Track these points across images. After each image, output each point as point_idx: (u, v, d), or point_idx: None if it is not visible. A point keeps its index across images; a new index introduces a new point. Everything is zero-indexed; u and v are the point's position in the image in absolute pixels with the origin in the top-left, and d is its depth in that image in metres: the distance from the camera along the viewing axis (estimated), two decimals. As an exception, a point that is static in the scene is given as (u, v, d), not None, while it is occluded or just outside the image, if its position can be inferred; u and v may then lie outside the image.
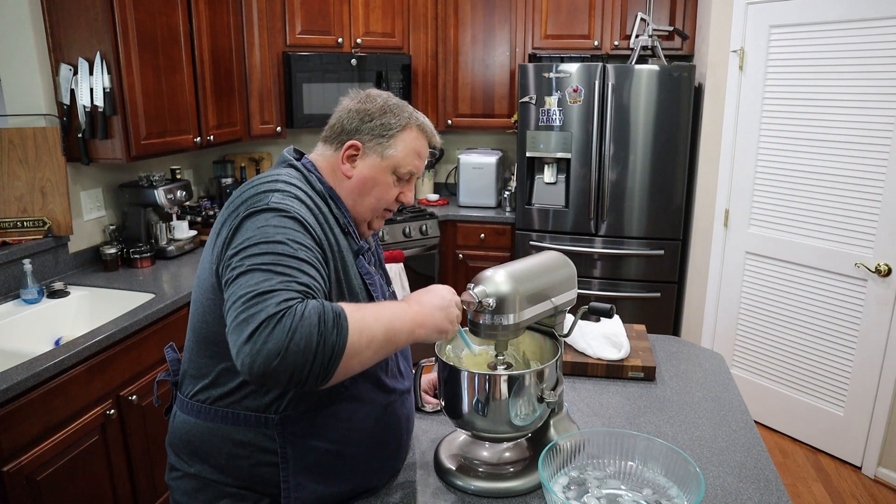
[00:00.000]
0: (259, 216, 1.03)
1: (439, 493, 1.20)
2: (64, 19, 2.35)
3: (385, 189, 1.20)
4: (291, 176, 1.14)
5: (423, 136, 1.23)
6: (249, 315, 0.90)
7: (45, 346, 2.07)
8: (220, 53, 2.96)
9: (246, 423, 1.11)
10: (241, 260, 0.98)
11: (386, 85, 3.57)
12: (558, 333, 1.32)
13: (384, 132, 1.19)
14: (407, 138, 1.20)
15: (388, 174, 1.20)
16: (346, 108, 1.22)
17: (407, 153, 1.20)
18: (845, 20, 2.59)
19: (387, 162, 1.19)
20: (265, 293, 0.92)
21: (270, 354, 0.87)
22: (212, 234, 1.12)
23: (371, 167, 1.19)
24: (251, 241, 1.00)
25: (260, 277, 0.94)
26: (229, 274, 0.99)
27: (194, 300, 1.16)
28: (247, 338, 0.89)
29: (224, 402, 1.12)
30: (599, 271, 3.54)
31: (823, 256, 2.78)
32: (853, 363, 2.73)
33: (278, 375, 0.89)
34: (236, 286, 0.96)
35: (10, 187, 2.38)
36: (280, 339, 0.88)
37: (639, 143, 3.31)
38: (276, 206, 1.04)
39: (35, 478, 1.69)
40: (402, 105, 1.23)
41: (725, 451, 1.33)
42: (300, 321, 0.89)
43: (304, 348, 0.89)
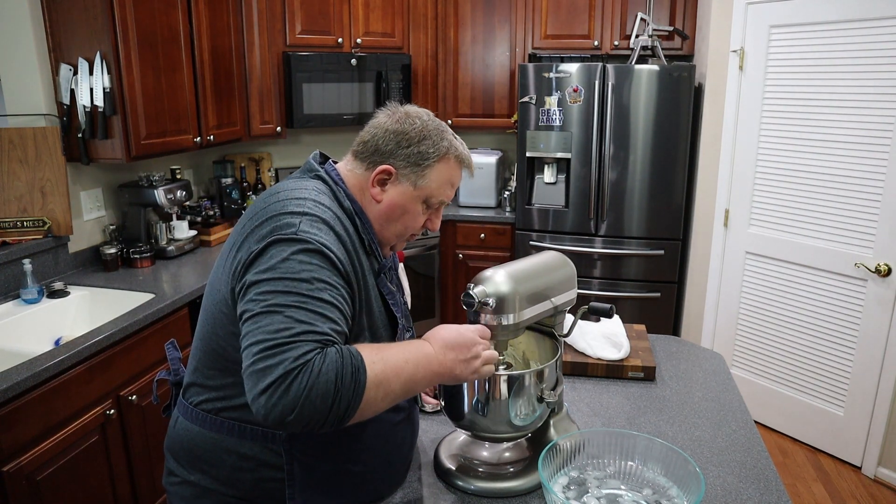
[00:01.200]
0: (285, 246, 0.99)
1: (439, 493, 1.20)
2: (64, 19, 2.35)
3: (413, 217, 1.17)
4: (320, 192, 1.10)
5: (458, 166, 1.19)
6: (267, 367, 0.89)
7: (45, 346, 2.07)
8: (220, 53, 2.96)
9: (252, 437, 1.09)
10: (261, 294, 0.95)
11: (386, 85, 3.57)
12: (558, 333, 1.32)
13: (420, 160, 1.14)
14: (442, 168, 1.15)
15: (418, 203, 1.16)
16: (382, 126, 1.16)
17: (441, 184, 1.16)
18: (845, 20, 2.59)
19: (419, 192, 1.15)
20: (284, 345, 0.90)
21: (286, 409, 0.88)
22: (230, 244, 1.08)
23: (402, 195, 1.14)
24: (275, 274, 0.96)
25: (280, 324, 0.92)
26: (247, 306, 0.96)
27: (205, 308, 1.14)
28: (262, 390, 0.89)
29: (230, 415, 1.11)
30: (599, 271, 3.54)
31: (823, 256, 2.78)
32: (853, 363, 2.73)
33: (292, 426, 0.90)
34: (254, 327, 0.93)
35: (10, 187, 2.38)
36: (296, 396, 0.88)
37: (639, 143, 3.31)
38: (304, 238, 0.99)
39: (35, 478, 1.69)
40: (441, 130, 1.17)
41: (725, 451, 1.33)
42: (317, 378, 0.89)
43: (320, 405, 0.89)
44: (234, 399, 1.10)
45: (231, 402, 1.10)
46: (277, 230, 1.00)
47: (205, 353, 1.14)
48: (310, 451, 1.10)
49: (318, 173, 1.15)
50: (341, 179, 1.16)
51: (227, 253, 1.08)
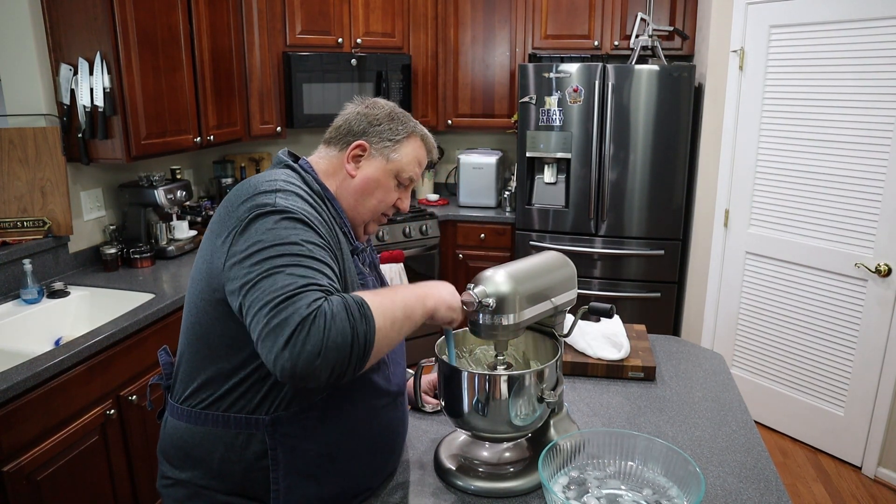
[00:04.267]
0: (266, 218, 1.03)
1: (439, 493, 1.20)
2: (64, 19, 2.35)
3: (386, 192, 1.24)
4: (290, 176, 1.16)
5: (424, 146, 1.28)
6: (282, 320, 0.92)
7: (45, 346, 2.07)
8: (220, 53, 2.96)
9: (237, 425, 1.11)
10: (257, 264, 0.98)
11: (386, 85, 3.57)
12: (558, 333, 1.32)
13: (392, 136, 1.23)
14: (411, 146, 1.25)
15: (390, 178, 1.23)
16: (353, 112, 1.25)
17: (410, 160, 1.25)
18: (845, 20, 2.59)
19: (391, 165, 1.23)
20: (293, 296, 0.93)
21: (311, 355, 0.90)
22: (208, 236, 1.11)
23: (376, 169, 1.22)
24: (264, 243, 1.00)
25: (284, 280, 0.95)
26: (245, 279, 0.98)
27: (188, 302, 1.16)
28: (284, 343, 0.90)
29: (215, 406, 1.12)
30: (599, 271, 3.54)
31: (823, 256, 2.78)
32: (853, 363, 2.73)
33: (320, 373, 0.92)
34: (259, 292, 0.96)
35: (10, 187, 2.38)
36: (318, 339, 0.91)
37: (639, 143, 3.31)
38: (282, 208, 1.04)
39: (35, 478, 1.69)
40: (407, 115, 1.28)
41: (725, 451, 1.33)
42: (332, 319, 0.93)
43: (342, 343, 0.93)
44: (219, 388, 1.12)
45: (216, 391, 1.12)
46: (255, 208, 1.04)
47: (189, 346, 1.16)
48: (293, 432, 1.11)
49: (286, 163, 1.21)
50: (310, 167, 1.22)
51: (207, 243, 1.11)
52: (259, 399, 1.10)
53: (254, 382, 1.10)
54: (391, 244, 3.51)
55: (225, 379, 1.11)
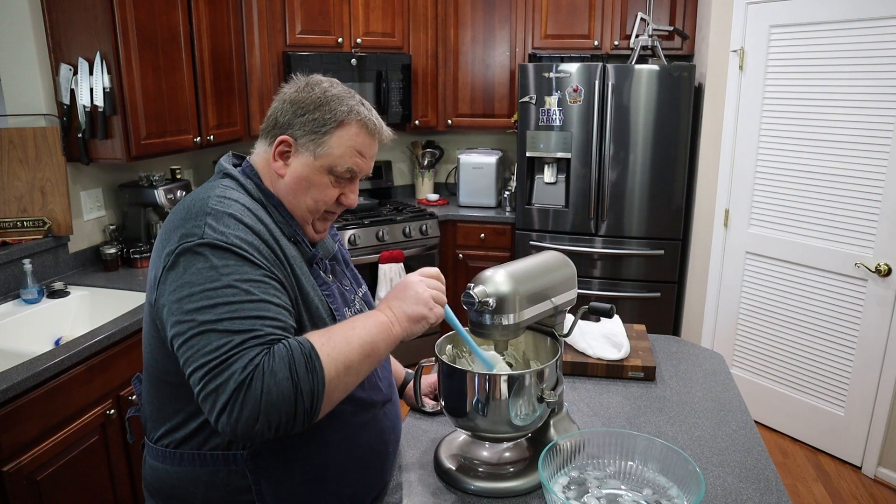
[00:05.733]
0: (195, 257, 0.94)
1: (439, 492, 1.20)
2: (64, 19, 2.35)
3: (321, 190, 1.10)
4: (226, 188, 1.05)
5: (364, 132, 1.10)
6: (217, 386, 0.87)
7: (45, 346, 2.07)
8: (220, 53, 2.96)
9: (214, 463, 1.05)
10: (188, 314, 0.91)
11: (386, 85, 3.57)
12: (558, 333, 1.32)
13: (318, 128, 1.07)
14: (344, 135, 1.08)
15: (323, 174, 1.09)
16: (282, 98, 1.11)
17: (344, 152, 1.09)
18: (845, 20, 2.59)
19: (320, 161, 1.08)
20: (227, 359, 0.87)
21: (250, 420, 0.86)
22: (151, 263, 1.04)
23: (304, 166, 1.08)
24: (194, 288, 0.92)
25: (217, 340, 0.89)
26: (177, 329, 0.92)
27: (144, 335, 1.09)
28: (220, 409, 0.87)
29: (189, 445, 1.06)
30: (599, 271, 3.54)
31: (823, 256, 2.78)
32: (853, 363, 2.73)
33: (263, 434, 0.88)
34: (192, 351, 0.90)
35: (10, 187, 2.38)
36: (255, 404, 0.86)
37: (639, 143, 3.31)
38: (211, 241, 0.94)
39: (35, 478, 1.69)
40: (343, 96, 1.10)
41: (725, 451, 1.33)
42: (271, 378, 0.87)
43: (284, 404, 0.87)
44: (188, 426, 1.06)
45: (186, 429, 1.06)
46: (183, 238, 0.96)
47: (151, 384, 1.10)
48: (274, 464, 1.05)
49: (226, 172, 1.11)
50: (253, 170, 1.12)
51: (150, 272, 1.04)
52: None
53: None
54: (391, 244, 3.51)
55: (193, 417, 1.05)
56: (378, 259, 3.41)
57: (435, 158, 4.16)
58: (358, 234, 3.41)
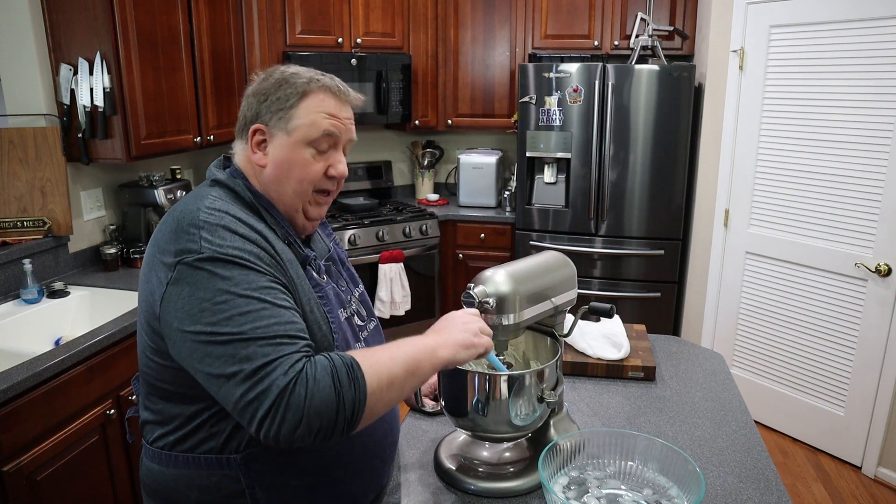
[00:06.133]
0: (197, 272, 0.93)
1: (439, 492, 1.20)
2: (64, 19, 2.35)
3: (304, 167, 1.07)
4: (215, 198, 1.03)
5: (329, 95, 1.08)
6: (259, 392, 0.87)
7: (45, 346, 2.07)
8: (220, 53, 2.96)
9: (208, 466, 1.04)
10: (206, 328, 0.90)
11: (386, 85, 3.57)
12: (558, 333, 1.32)
13: (282, 105, 1.06)
14: (311, 104, 1.06)
15: (302, 149, 1.06)
16: (245, 95, 1.11)
17: (315, 118, 1.06)
18: (845, 20, 2.59)
19: (294, 137, 1.05)
20: (265, 366, 0.88)
21: (292, 425, 0.86)
22: (143, 276, 1.02)
23: (281, 148, 1.06)
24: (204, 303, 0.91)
25: (245, 349, 0.88)
26: (192, 345, 0.91)
27: (138, 342, 1.08)
28: (264, 415, 0.86)
29: (182, 447, 1.05)
30: (599, 271, 3.54)
31: (823, 256, 2.78)
32: (853, 363, 2.73)
33: (303, 439, 0.88)
34: (216, 361, 0.89)
35: (10, 187, 2.38)
36: (298, 409, 0.86)
37: (639, 143, 3.31)
38: (212, 255, 0.93)
39: (35, 478, 1.69)
40: (301, 72, 1.09)
41: (725, 451, 1.33)
42: (315, 385, 0.87)
43: (326, 412, 0.88)
44: (182, 429, 1.05)
45: (180, 432, 1.05)
46: (181, 254, 0.95)
47: (145, 386, 1.10)
48: (268, 468, 1.04)
49: (214, 178, 1.09)
50: (240, 173, 1.10)
51: (143, 284, 1.02)
52: (226, 437, 1.03)
53: (217, 422, 1.03)
54: (391, 244, 3.51)
55: (187, 421, 1.04)
56: (378, 259, 3.41)
57: (435, 158, 4.16)
58: (358, 234, 3.41)
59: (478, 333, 1.07)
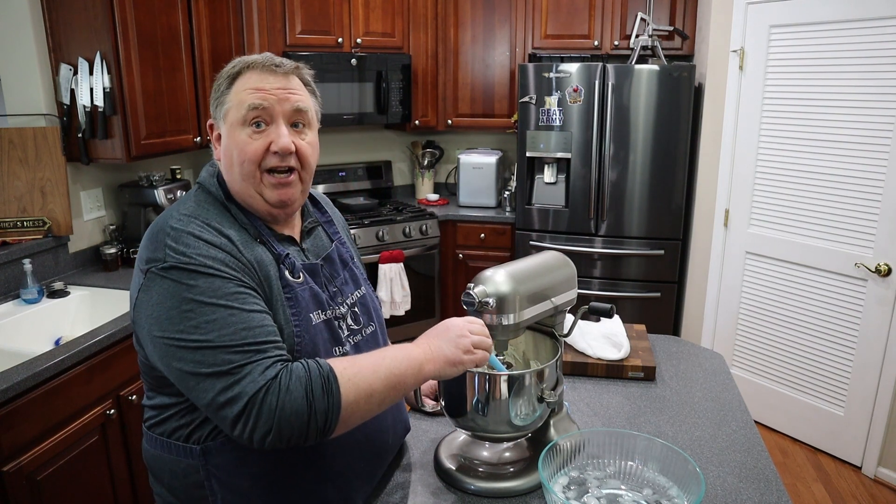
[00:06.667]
0: (163, 280, 0.95)
1: (439, 492, 1.20)
2: (64, 19, 2.35)
3: (242, 146, 1.04)
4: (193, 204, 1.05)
5: (255, 72, 1.06)
6: (230, 399, 0.89)
7: (45, 346, 2.07)
8: (220, 53, 2.96)
9: (176, 452, 1.06)
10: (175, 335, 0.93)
11: (386, 85, 3.57)
12: (558, 333, 1.32)
13: (217, 95, 1.08)
14: (238, 86, 1.06)
15: (237, 130, 1.05)
16: None
17: (241, 97, 1.05)
18: (845, 20, 2.59)
19: (229, 120, 1.06)
20: (233, 372, 0.89)
21: (262, 431, 0.88)
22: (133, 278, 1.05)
23: (225, 137, 1.07)
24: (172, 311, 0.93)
25: (215, 356, 0.90)
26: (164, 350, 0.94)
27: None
28: (234, 420, 0.89)
29: (159, 430, 1.08)
30: (599, 271, 3.54)
31: (823, 256, 2.78)
32: (853, 363, 2.73)
33: (275, 445, 0.90)
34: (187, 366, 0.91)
35: (10, 187, 2.38)
36: (269, 417, 0.88)
37: (639, 143, 3.31)
38: (176, 265, 0.95)
39: (35, 478, 1.69)
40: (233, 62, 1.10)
41: (725, 451, 1.33)
42: (286, 395, 0.89)
43: (297, 422, 0.89)
44: (162, 413, 1.08)
45: (160, 416, 1.08)
46: (149, 262, 0.97)
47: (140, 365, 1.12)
48: (223, 463, 1.04)
49: (199, 180, 1.12)
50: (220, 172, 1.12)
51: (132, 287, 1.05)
52: (192, 429, 1.05)
53: (185, 413, 1.05)
54: (391, 244, 3.51)
55: (165, 409, 1.07)
56: (378, 259, 3.41)
57: (435, 158, 4.16)
58: (358, 234, 3.41)
59: (469, 349, 1.06)
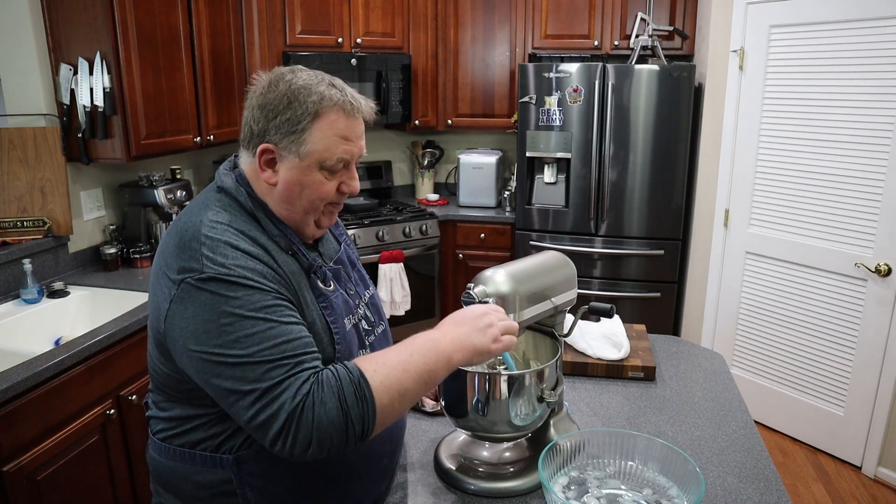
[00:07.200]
0: (200, 292, 0.92)
1: (439, 492, 1.20)
2: (64, 19, 2.35)
3: (316, 188, 1.04)
4: (220, 209, 1.02)
5: (342, 115, 1.02)
6: (269, 416, 0.89)
7: (45, 346, 2.07)
8: (220, 53, 2.96)
9: (203, 463, 1.05)
10: (213, 349, 0.91)
11: (386, 85, 3.57)
12: (558, 333, 1.32)
13: (293, 127, 1.00)
14: (323, 126, 1.01)
15: (314, 172, 1.03)
16: (250, 105, 1.05)
17: (328, 144, 1.01)
18: (845, 20, 2.59)
19: (307, 161, 1.02)
20: (272, 388, 0.89)
21: (303, 446, 0.89)
22: (151, 283, 1.02)
23: (292, 170, 1.02)
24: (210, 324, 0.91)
25: (254, 371, 0.90)
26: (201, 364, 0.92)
27: (148, 348, 1.08)
28: (274, 437, 0.89)
29: (179, 442, 1.07)
30: (599, 271, 3.54)
31: (823, 256, 2.78)
32: (853, 363, 2.73)
33: (316, 456, 0.91)
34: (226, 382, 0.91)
35: (10, 187, 2.38)
36: (307, 433, 0.89)
37: (639, 143, 3.31)
38: (215, 276, 0.92)
39: (35, 478, 1.69)
40: (310, 85, 1.02)
41: (725, 451, 1.33)
42: (321, 408, 0.89)
43: (335, 433, 0.90)
44: (181, 426, 1.07)
45: (179, 429, 1.07)
46: (183, 272, 0.94)
47: (152, 381, 1.11)
48: (258, 471, 1.04)
49: (219, 184, 1.07)
50: (245, 180, 1.07)
51: (152, 296, 1.02)
52: (223, 439, 1.04)
53: (214, 424, 1.04)
54: (391, 244, 3.51)
55: (186, 420, 1.06)
56: (378, 259, 3.41)
57: (435, 158, 4.16)
58: (358, 234, 3.41)
59: (497, 339, 1.03)
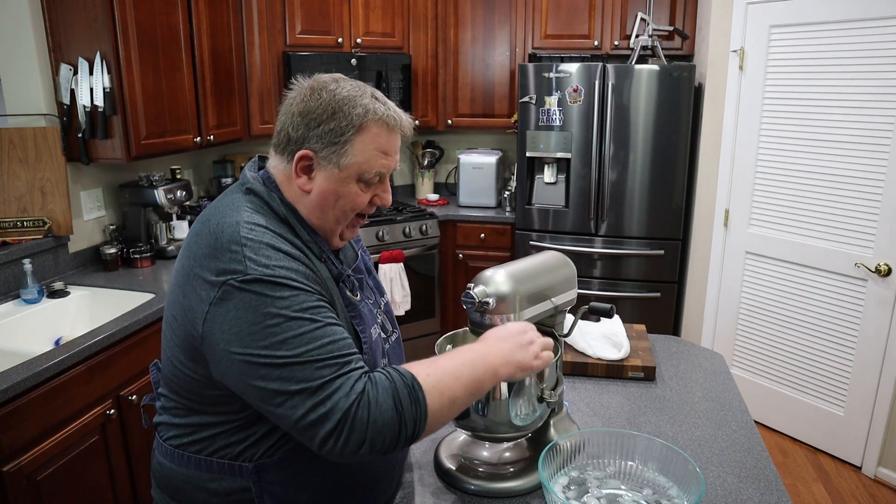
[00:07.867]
0: (245, 294, 0.91)
1: (439, 492, 1.20)
2: (64, 19, 2.35)
3: (352, 199, 1.05)
4: (253, 211, 1.01)
5: (384, 130, 1.03)
6: (322, 415, 0.88)
7: (45, 346, 2.07)
8: (220, 53, 2.96)
9: (220, 471, 1.04)
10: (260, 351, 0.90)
11: (386, 85, 3.57)
12: (558, 333, 1.32)
13: (336, 139, 1.01)
14: (365, 139, 1.02)
15: (351, 183, 1.03)
16: (289, 111, 1.04)
17: (368, 156, 1.02)
18: (845, 20, 2.59)
19: (346, 172, 1.02)
20: (324, 387, 0.89)
21: (355, 445, 0.89)
22: (177, 285, 1.00)
23: (329, 179, 1.02)
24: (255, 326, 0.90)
25: (303, 371, 0.89)
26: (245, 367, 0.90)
27: (165, 343, 1.06)
28: (325, 436, 0.88)
29: (195, 448, 1.06)
30: (599, 271, 3.54)
31: (823, 256, 2.78)
32: (853, 363, 2.73)
33: (365, 456, 0.90)
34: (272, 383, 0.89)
35: (10, 187, 2.38)
36: (362, 432, 0.88)
37: (639, 143, 3.31)
38: (260, 277, 0.92)
39: (35, 478, 1.69)
40: (354, 97, 1.02)
41: (725, 451, 1.33)
42: (377, 408, 0.89)
43: (389, 433, 0.90)
44: (199, 433, 1.06)
45: (196, 435, 1.06)
46: (224, 273, 0.92)
47: (167, 386, 1.09)
48: (279, 479, 1.04)
49: (248, 186, 1.05)
50: (274, 183, 1.06)
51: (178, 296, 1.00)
52: (245, 446, 1.03)
53: (235, 432, 1.03)
54: (391, 244, 3.51)
55: (205, 428, 1.05)
56: (378, 259, 3.41)
57: (435, 158, 4.16)
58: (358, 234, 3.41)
59: (538, 355, 1.07)
